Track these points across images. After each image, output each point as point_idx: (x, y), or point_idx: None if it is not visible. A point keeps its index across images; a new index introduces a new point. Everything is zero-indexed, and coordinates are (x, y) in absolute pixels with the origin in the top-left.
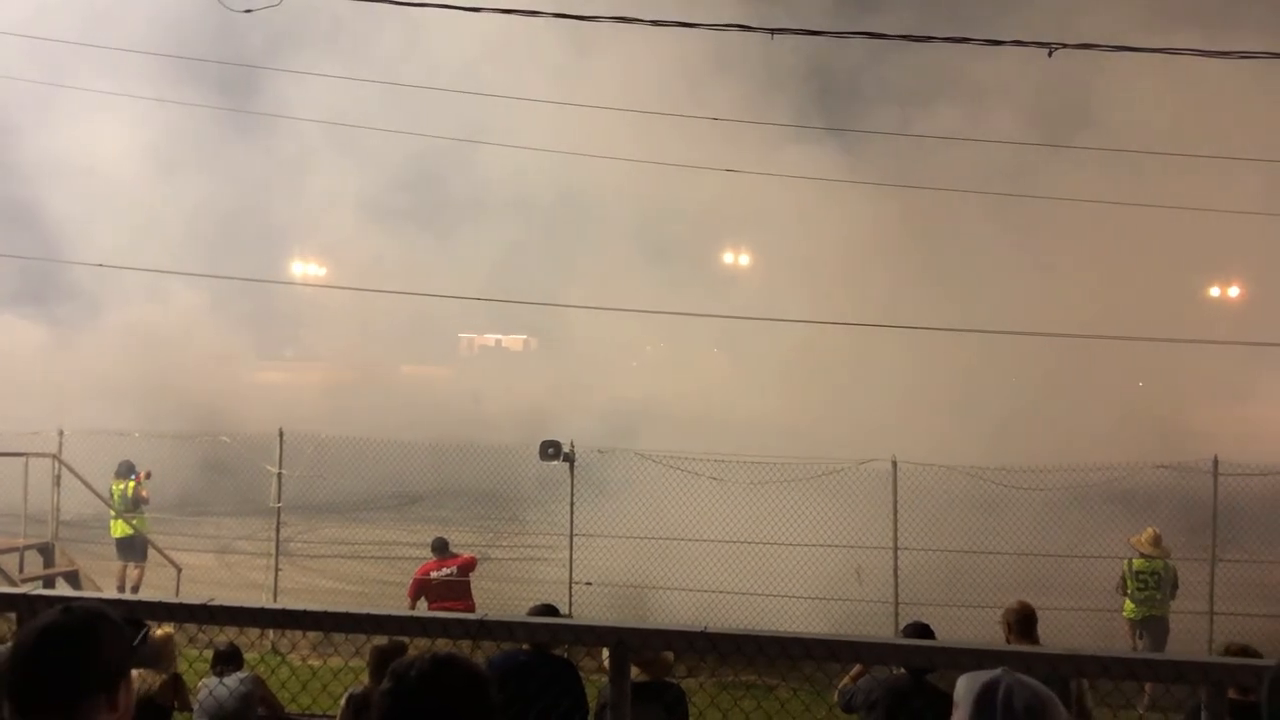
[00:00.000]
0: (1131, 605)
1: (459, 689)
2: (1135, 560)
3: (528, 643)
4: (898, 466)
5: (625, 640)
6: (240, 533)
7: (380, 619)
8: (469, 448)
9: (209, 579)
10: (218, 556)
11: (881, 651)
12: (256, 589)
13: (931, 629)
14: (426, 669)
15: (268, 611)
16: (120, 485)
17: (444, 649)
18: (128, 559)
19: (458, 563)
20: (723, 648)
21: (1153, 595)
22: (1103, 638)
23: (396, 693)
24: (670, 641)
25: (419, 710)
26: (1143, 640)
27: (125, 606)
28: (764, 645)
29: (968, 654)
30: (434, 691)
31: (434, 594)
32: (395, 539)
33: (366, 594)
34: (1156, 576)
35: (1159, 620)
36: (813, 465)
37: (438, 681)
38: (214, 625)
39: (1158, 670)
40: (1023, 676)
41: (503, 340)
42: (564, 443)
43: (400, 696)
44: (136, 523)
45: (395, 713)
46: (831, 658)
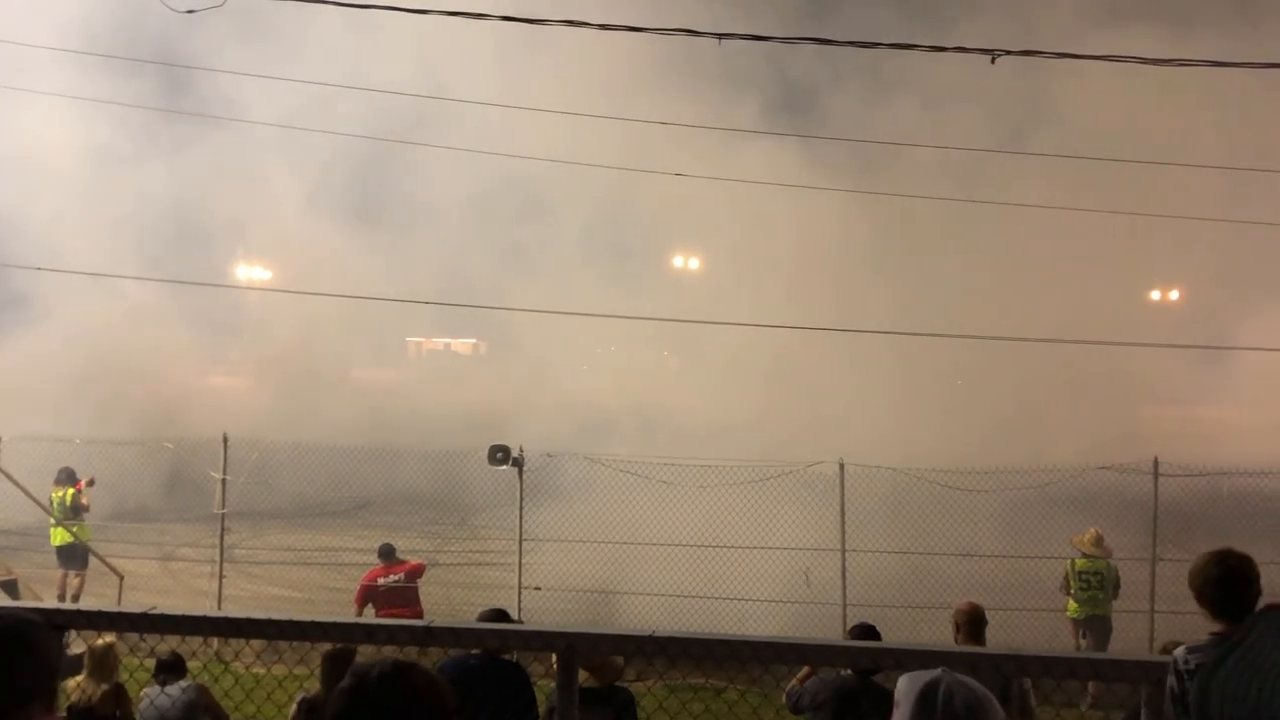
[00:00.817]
0: (1075, 605)
1: (418, 694)
2: (1078, 560)
3: (476, 648)
4: (845, 469)
5: (574, 645)
6: (184, 540)
7: (326, 626)
8: (417, 453)
9: (152, 587)
10: (161, 564)
11: (828, 653)
12: (201, 596)
13: (877, 630)
14: (388, 671)
15: (211, 620)
16: (60, 493)
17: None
18: (68, 567)
19: (405, 569)
20: (671, 651)
21: (1095, 595)
22: (1047, 637)
23: (356, 691)
24: (619, 646)
25: (376, 711)
26: (1086, 639)
27: (65, 616)
28: (712, 648)
29: (914, 655)
30: (393, 694)
31: (381, 601)
32: (342, 545)
33: (313, 601)
34: (1099, 576)
35: (1102, 619)
36: (761, 468)
37: (397, 685)
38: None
39: (1100, 669)
40: (962, 676)
41: (451, 344)
42: (513, 447)
43: (359, 695)
44: (77, 530)
45: (352, 711)
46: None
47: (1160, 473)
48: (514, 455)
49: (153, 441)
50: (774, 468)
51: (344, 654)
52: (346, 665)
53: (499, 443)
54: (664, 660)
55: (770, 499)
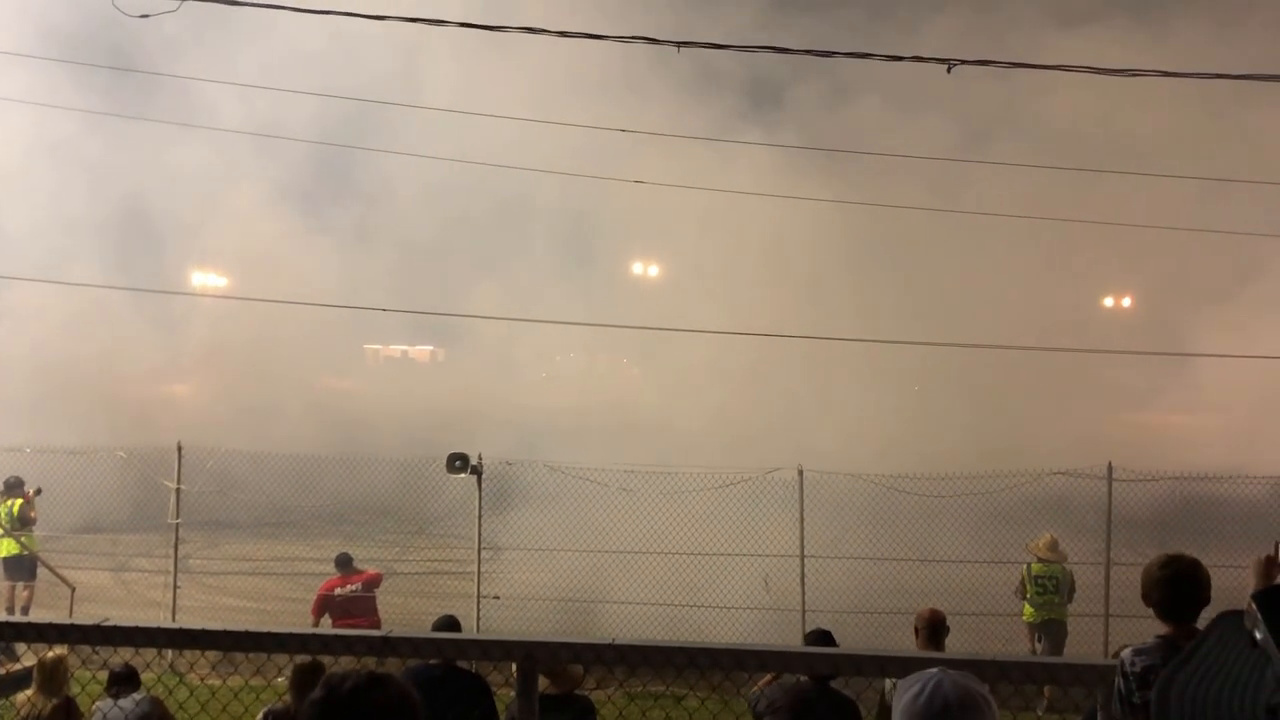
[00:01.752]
0: (1030, 609)
1: (390, 706)
2: (1034, 565)
3: (435, 658)
4: (804, 475)
5: (533, 654)
6: (137, 550)
7: (282, 637)
8: (374, 461)
9: (105, 598)
10: (114, 575)
11: (787, 659)
12: (155, 607)
13: (833, 636)
14: (361, 683)
15: (165, 631)
16: (7, 503)
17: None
18: (16, 579)
19: (362, 579)
20: (630, 659)
21: (1051, 599)
22: (1004, 641)
23: (327, 702)
24: (578, 654)
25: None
26: (1041, 643)
27: (14, 628)
28: (671, 655)
29: (871, 660)
30: (366, 706)
31: (338, 610)
32: (299, 555)
33: (269, 611)
34: (1055, 581)
35: (1057, 624)
36: (720, 474)
37: (370, 697)
38: (109, 646)
39: (1055, 673)
40: (956, 674)
41: (409, 351)
42: (472, 455)
43: (330, 706)
44: (25, 540)
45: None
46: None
47: (1115, 478)
48: (473, 463)
49: (105, 450)
50: (733, 474)
51: (315, 666)
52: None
53: (457, 450)
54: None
55: (730, 505)
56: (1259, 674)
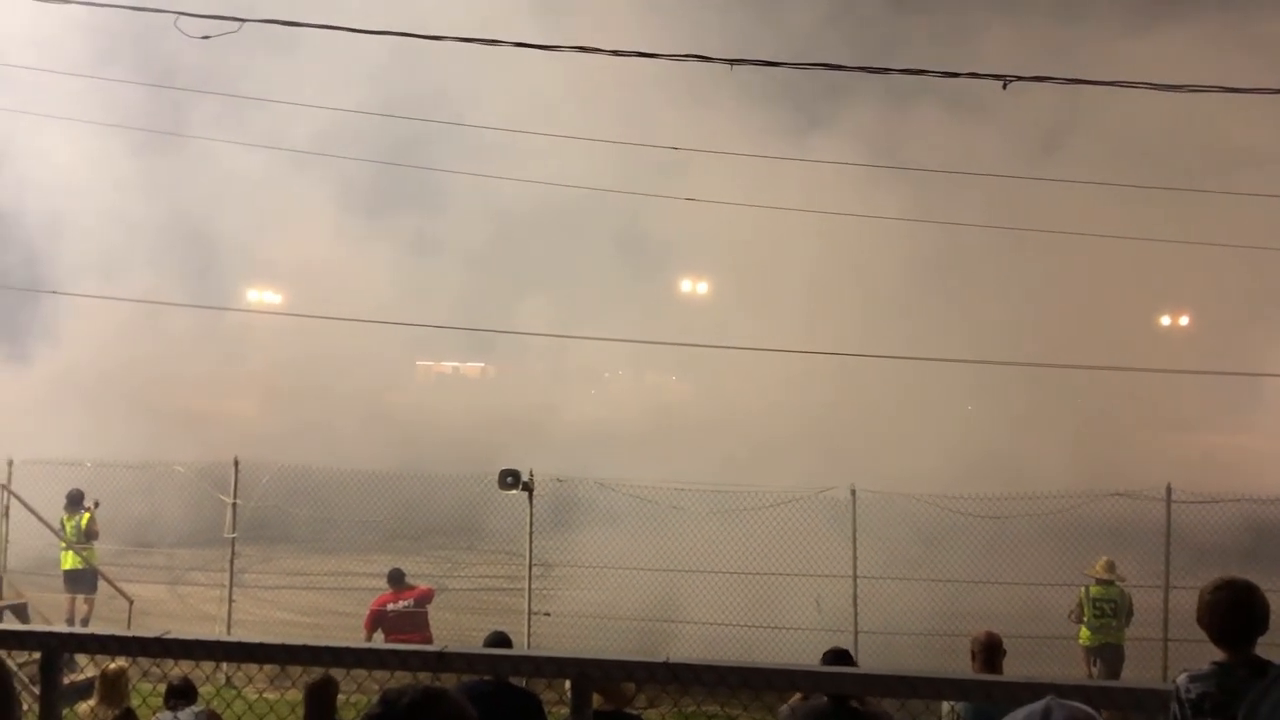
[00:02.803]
0: (1087, 632)
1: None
2: (1091, 587)
3: (489, 674)
4: (857, 495)
5: (587, 671)
6: (193, 564)
7: (338, 651)
8: (426, 477)
9: (160, 611)
10: (170, 588)
11: (841, 681)
12: (209, 621)
13: (850, 654)
14: (418, 699)
15: (224, 644)
16: (73, 519)
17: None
18: (77, 591)
19: (414, 594)
20: (684, 678)
21: (1108, 622)
22: (1060, 665)
23: (386, 717)
24: (632, 672)
25: None
26: (1097, 667)
27: (78, 640)
28: (725, 675)
29: (928, 684)
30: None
31: (390, 626)
32: (351, 569)
33: (321, 625)
34: (1113, 604)
35: (1114, 647)
36: (772, 493)
37: (427, 712)
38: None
39: (1114, 698)
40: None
41: (460, 367)
42: (523, 471)
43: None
44: (87, 554)
45: None
46: (792, 687)
47: (1174, 499)
48: (524, 480)
49: (163, 465)
50: (785, 493)
51: (326, 685)
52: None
53: (509, 467)
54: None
55: (781, 524)
56: None
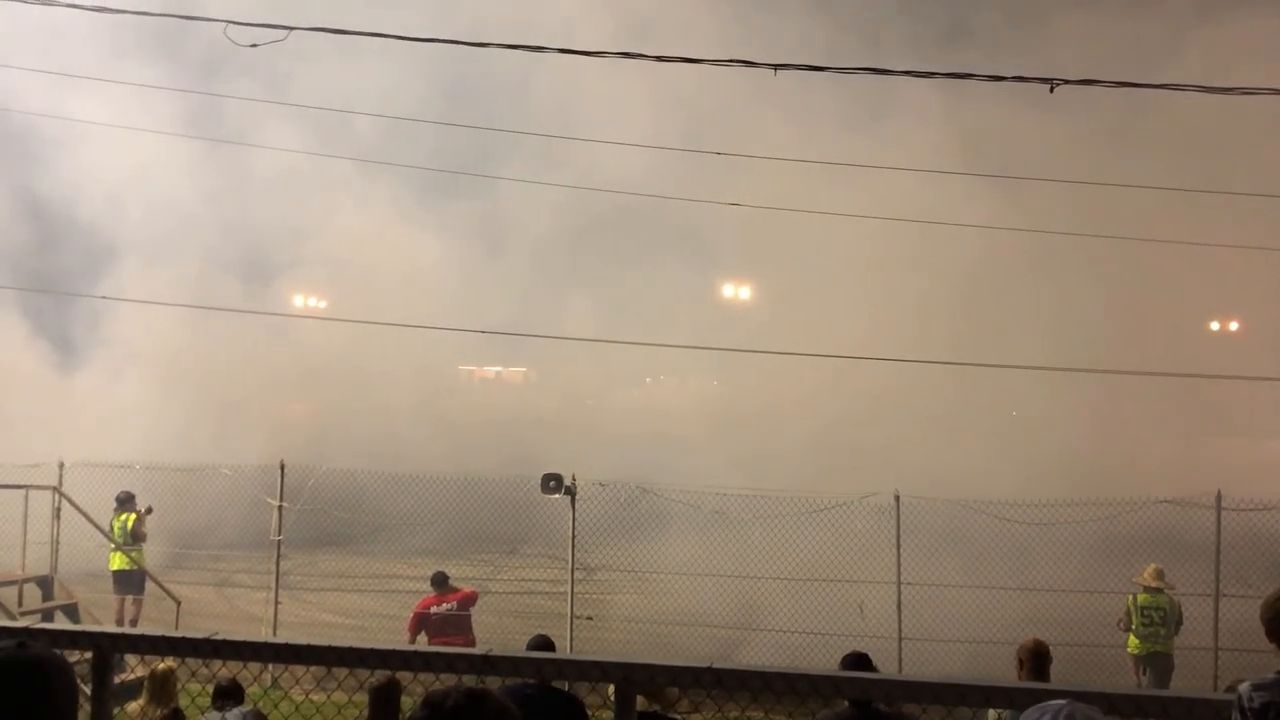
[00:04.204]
0: (1136, 641)
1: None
2: (1140, 595)
3: (533, 678)
4: (900, 500)
5: (631, 676)
6: (239, 566)
7: (384, 654)
8: (471, 480)
9: (207, 612)
10: (216, 590)
11: (886, 688)
12: (254, 622)
13: (869, 658)
14: (463, 702)
15: (271, 646)
16: (121, 519)
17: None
18: (125, 592)
19: (458, 597)
20: (728, 684)
21: (1157, 631)
22: (1108, 673)
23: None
24: (676, 677)
25: None
26: (1146, 676)
27: (129, 640)
28: (770, 681)
29: (976, 691)
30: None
31: (434, 629)
32: (395, 572)
33: (364, 627)
34: (1161, 612)
35: (1163, 656)
36: (815, 498)
37: (472, 713)
38: (217, 659)
39: (1167, 707)
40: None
41: (503, 372)
42: (565, 476)
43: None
44: (135, 555)
45: None
46: (837, 694)
47: (1224, 506)
48: (566, 484)
49: (211, 468)
50: (828, 499)
51: (390, 687)
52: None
53: (551, 471)
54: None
55: (826, 530)
56: None
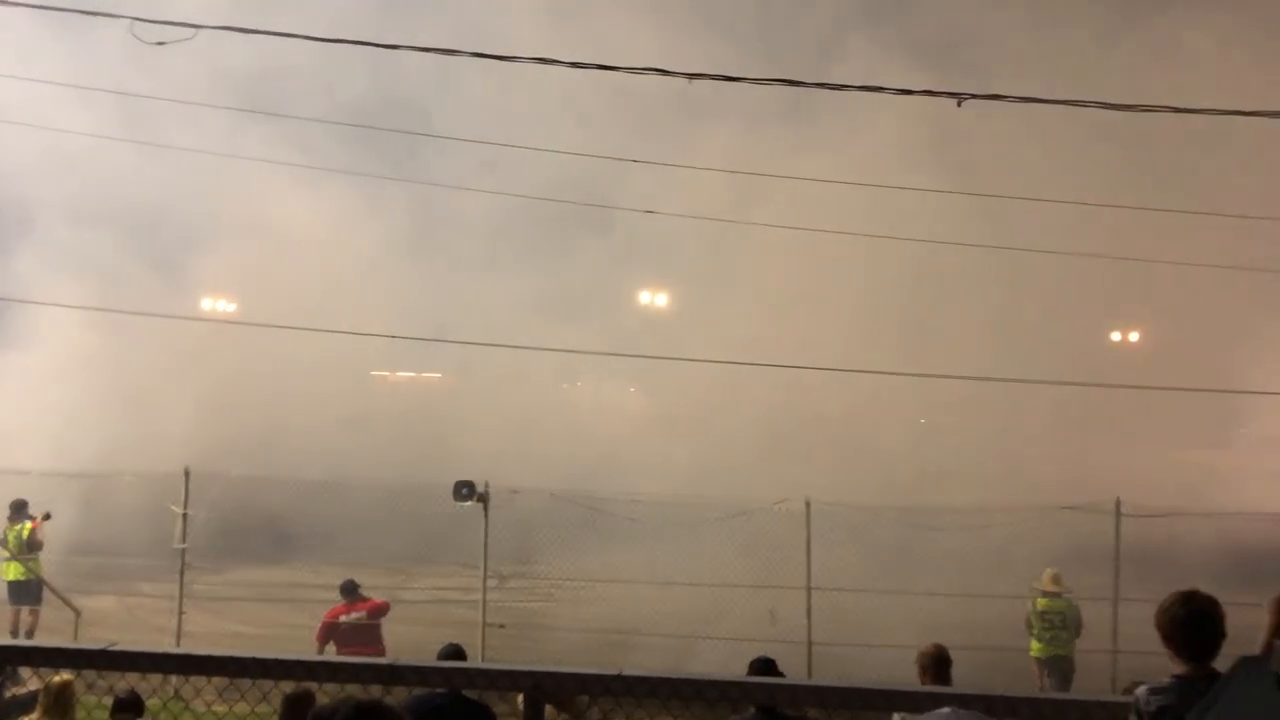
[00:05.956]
0: (1038, 645)
1: None
2: (1039, 600)
3: (442, 686)
4: (811, 507)
5: (540, 684)
6: (143, 575)
7: (289, 664)
8: (382, 487)
9: (109, 623)
10: (119, 600)
11: (795, 693)
12: (159, 633)
13: (776, 663)
14: (350, 713)
15: (171, 656)
16: (16, 528)
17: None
18: (21, 603)
19: (368, 607)
20: (637, 691)
21: (1058, 634)
22: (1012, 677)
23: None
24: (584, 685)
25: None
26: (1048, 679)
27: (21, 652)
28: (679, 688)
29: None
30: None
31: (343, 639)
32: (305, 581)
33: (273, 638)
34: (1061, 616)
35: (1064, 659)
36: (727, 505)
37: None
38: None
39: (1065, 710)
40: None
41: (418, 378)
42: (478, 483)
43: None
44: (32, 565)
45: None
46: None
47: (1123, 513)
48: (479, 491)
49: (113, 475)
50: (740, 505)
51: (304, 696)
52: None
53: (464, 478)
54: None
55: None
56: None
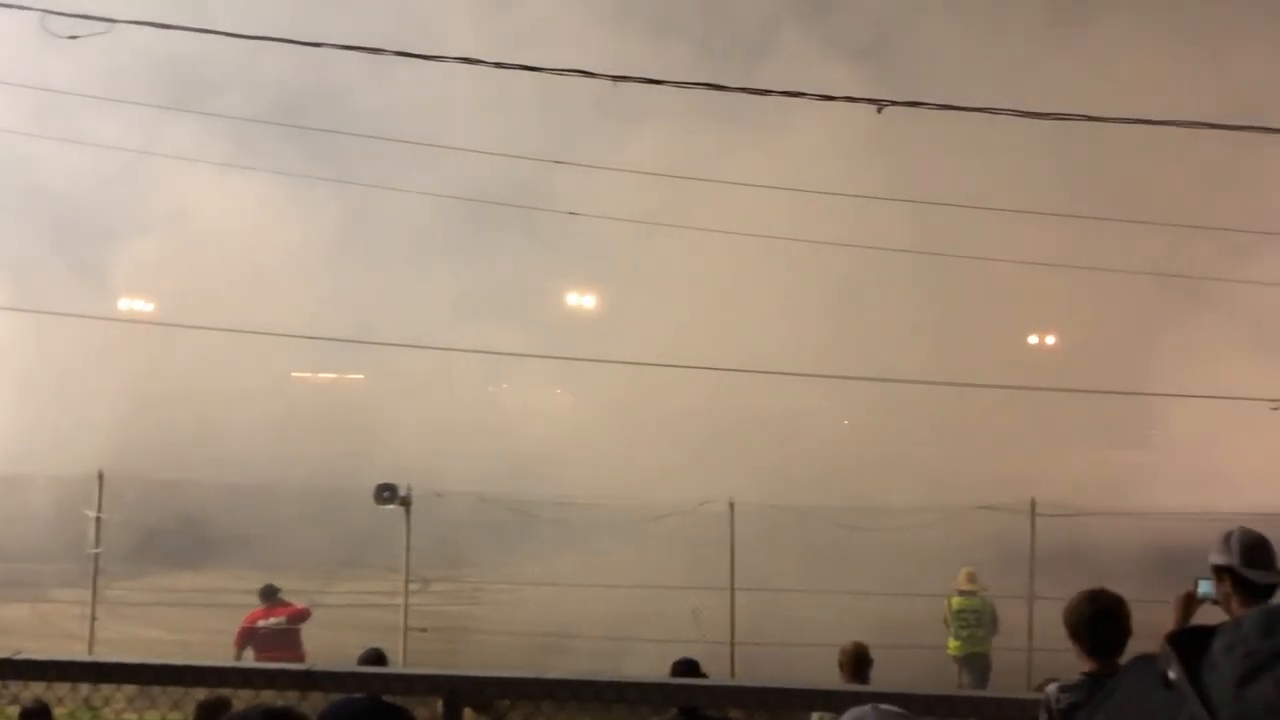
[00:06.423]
0: (955, 642)
1: None
2: (955, 599)
3: (359, 692)
4: (735, 508)
5: (458, 688)
6: (56, 581)
7: (201, 670)
8: (302, 490)
9: (20, 630)
10: (31, 606)
11: (715, 694)
12: (72, 640)
13: (699, 664)
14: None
15: (79, 664)
16: None
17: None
18: None
19: (287, 612)
20: (558, 694)
21: (974, 633)
22: (931, 675)
23: None
24: (504, 689)
25: None
26: (966, 676)
27: None
28: (600, 690)
29: (798, 695)
30: None
31: (261, 644)
32: (223, 586)
33: (191, 644)
34: (976, 614)
35: (981, 657)
36: (653, 507)
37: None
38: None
39: (979, 707)
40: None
41: (339, 379)
42: (400, 485)
43: None
44: None
45: None
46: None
47: (1038, 513)
48: (401, 494)
49: (24, 477)
50: (666, 507)
51: (219, 705)
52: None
53: (386, 481)
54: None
55: (662, 538)
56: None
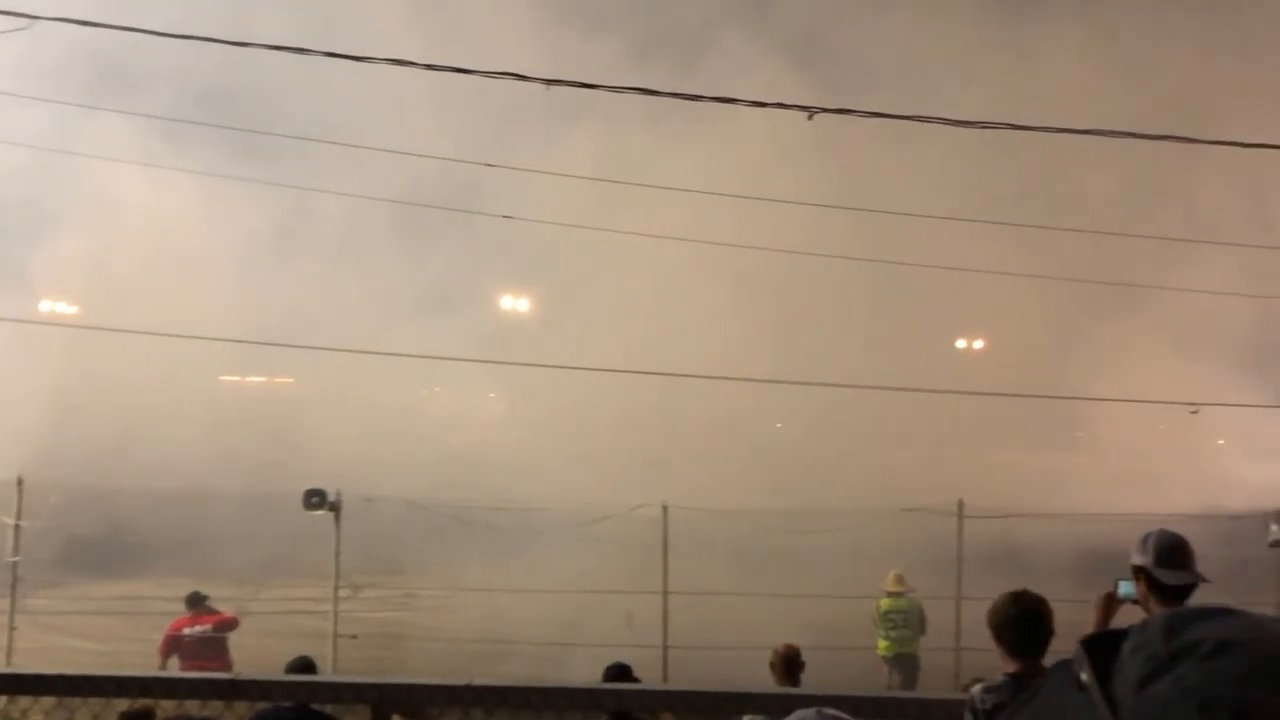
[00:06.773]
0: (884, 643)
1: None
2: (883, 600)
3: (286, 701)
4: (668, 511)
5: (387, 696)
6: None
7: (122, 680)
8: (229, 496)
9: None
10: None
11: (647, 699)
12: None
13: (631, 668)
14: None
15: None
16: None
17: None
18: None
19: (213, 620)
20: (488, 701)
21: (902, 633)
22: (861, 676)
23: None
24: (432, 696)
25: None
26: (895, 676)
27: None
28: (529, 697)
29: (729, 699)
30: None
31: (187, 652)
32: (150, 594)
33: (115, 653)
34: (904, 615)
35: (909, 657)
36: (586, 511)
37: None
38: None
39: (905, 708)
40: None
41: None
42: (329, 491)
43: None
44: None
45: None
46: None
47: (965, 514)
48: (331, 499)
49: None
50: (598, 511)
51: (142, 714)
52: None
53: (315, 486)
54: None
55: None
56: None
